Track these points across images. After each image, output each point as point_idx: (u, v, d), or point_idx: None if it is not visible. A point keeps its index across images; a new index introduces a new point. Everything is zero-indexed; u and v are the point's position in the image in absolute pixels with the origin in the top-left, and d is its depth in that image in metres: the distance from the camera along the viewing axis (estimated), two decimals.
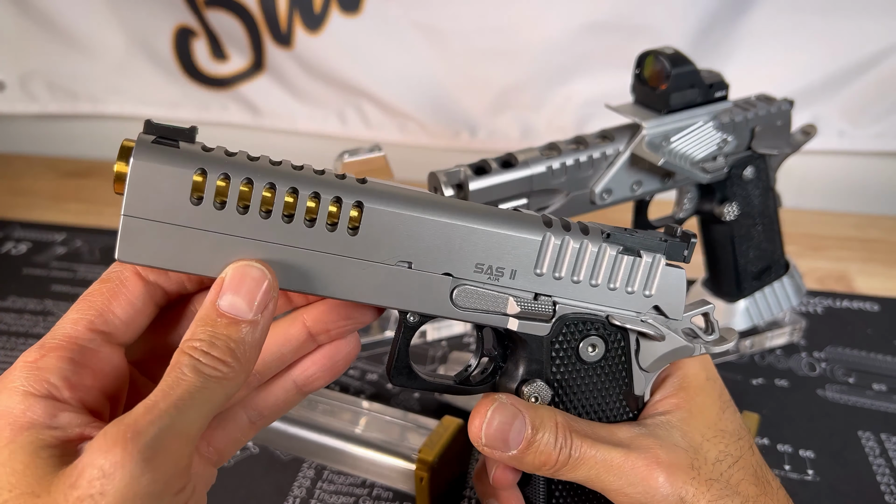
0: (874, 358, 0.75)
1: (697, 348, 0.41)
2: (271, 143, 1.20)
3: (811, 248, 0.96)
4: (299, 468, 0.62)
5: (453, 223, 0.36)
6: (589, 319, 0.40)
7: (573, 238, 0.38)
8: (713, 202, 0.68)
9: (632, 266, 0.39)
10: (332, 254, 0.35)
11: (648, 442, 0.39)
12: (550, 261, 0.38)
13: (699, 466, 0.39)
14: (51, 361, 0.33)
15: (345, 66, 1.07)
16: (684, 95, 0.61)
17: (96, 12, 1.11)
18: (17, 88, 1.21)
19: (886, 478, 0.61)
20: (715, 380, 0.43)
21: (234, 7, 1.05)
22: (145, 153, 0.32)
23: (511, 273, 0.38)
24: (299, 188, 0.34)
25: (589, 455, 0.38)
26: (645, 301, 0.40)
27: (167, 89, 1.17)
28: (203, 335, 0.32)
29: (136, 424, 0.29)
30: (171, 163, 0.33)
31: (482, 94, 1.07)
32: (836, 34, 0.95)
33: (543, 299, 0.39)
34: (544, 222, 0.38)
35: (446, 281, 0.37)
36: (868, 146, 1.02)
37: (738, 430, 0.42)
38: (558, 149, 0.59)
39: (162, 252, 0.34)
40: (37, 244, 0.98)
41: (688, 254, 0.40)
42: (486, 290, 0.38)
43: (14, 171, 1.22)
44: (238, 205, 0.34)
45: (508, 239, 0.37)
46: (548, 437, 0.38)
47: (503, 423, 0.38)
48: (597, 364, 0.41)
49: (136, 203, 0.33)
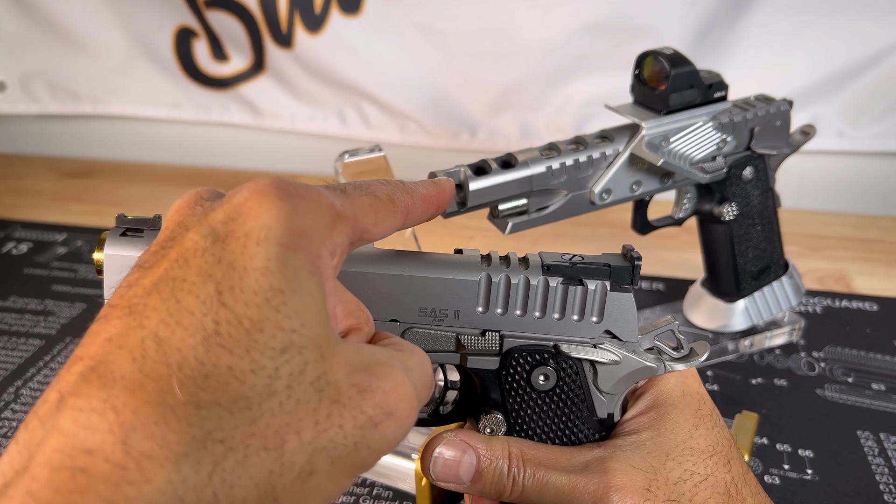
0: (873, 358, 0.75)
1: (660, 367, 0.41)
2: (271, 143, 1.20)
3: (810, 248, 0.96)
4: None
5: (391, 274, 0.38)
6: (536, 350, 0.40)
7: (512, 274, 0.39)
8: (712, 202, 0.68)
9: (575, 295, 0.40)
10: None
11: (606, 465, 0.39)
12: (492, 298, 0.39)
13: (657, 488, 0.39)
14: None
15: (345, 66, 1.07)
16: (683, 96, 0.61)
17: (97, 13, 1.11)
18: (19, 89, 1.21)
19: (885, 477, 0.61)
20: (692, 395, 0.43)
21: (235, 8, 1.05)
22: (114, 245, 0.37)
23: (454, 313, 0.39)
24: None
25: (543, 481, 0.39)
26: (595, 327, 0.40)
27: (168, 90, 1.17)
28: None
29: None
30: (134, 250, 0.36)
31: (482, 95, 1.07)
32: (835, 35, 0.95)
33: (490, 335, 0.40)
34: (483, 260, 0.40)
35: (394, 326, 0.39)
36: (867, 146, 1.02)
37: (711, 447, 0.41)
38: (558, 149, 0.59)
39: None
40: (38, 244, 0.98)
41: (634, 277, 0.40)
42: (433, 331, 0.39)
43: (15, 172, 1.22)
44: None
45: (446, 283, 0.39)
46: (498, 467, 0.39)
47: (451, 460, 0.39)
48: (552, 391, 0.41)
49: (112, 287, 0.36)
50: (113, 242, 0.37)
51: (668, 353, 0.42)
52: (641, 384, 0.43)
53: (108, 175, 1.21)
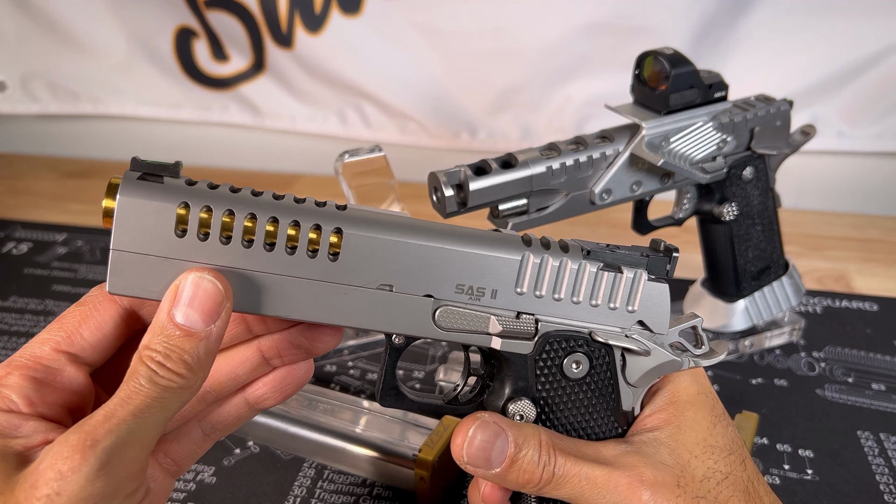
0: (873, 358, 0.75)
1: (686, 362, 0.41)
2: (271, 143, 1.20)
3: (810, 249, 0.96)
4: (300, 468, 0.62)
5: (432, 246, 0.37)
6: (572, 336, 0.40)
7: (553, 256, 0.38)
8: (712, 202, 0.68)
9: (613, 282, 0.39)
10: (313, 280, 0.36)
11: (634, 460, 0.39)
12: (531, 279, 0.38)
13: (685, 484, 0.39)
14: (13, 379, 0.35)
15: (345, 66, 1.07)
16: (684, 96, 0.61)
17: (97, 13, 1.11)
18: (19, 89, 1.21)
19: (885, 477, 0.61)
20: (707, 393, 0.43)
21: (235, 8, 1.05)
22: (131, 190, 0.34)
23: (492, 293, 0.38)
24: (279, 217, 0.35)
25: (572, 473, 0.38)
26: (628, 316, 0.40)
27: (168, 90, 1.17)
28: (159, 346, 0.34)
29: (95, 432, 0.32)
30: (155, 198, 0.34)
31: (482, 95, 1.07)
32: (834, 35, 0.95)
33: (525, 318, 0.39)
34: (524, 241, 0.39)
35: (427, 303, 0.38)
36: (867, 146, 1.02)
37: (728, 445, 0.41)
38: (558, 149, 0.59)
39: (150, 283, 0.35)
40: (38, 244, 0.98)
41: (670, 269, 0.40)
42: (467, 310, 0.38)
43: (15, 172, 1.22)
44: (221, 235, 0.35)
45: (487, 259, 0.38)
46: (531, 455, 0.38)
47: (485, 442, 0.38)
48: (582, 380, 0.41)
49: (123, 237, 0.34)
50: (130, 188, 0.34)
51: (690, 349, 0.42)
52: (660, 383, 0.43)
53: (108, 175, 1.20)
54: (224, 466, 0.62)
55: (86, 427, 0.32)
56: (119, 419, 0.32)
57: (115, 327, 0.38)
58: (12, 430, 0.34)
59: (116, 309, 0.38)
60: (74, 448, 0.31)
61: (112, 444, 0.32)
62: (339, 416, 0.62)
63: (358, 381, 0.73)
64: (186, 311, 0.34)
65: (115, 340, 0.38)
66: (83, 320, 0.37)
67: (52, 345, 0.37)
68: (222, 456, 0.63)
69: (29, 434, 0.34)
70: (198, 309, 0.34)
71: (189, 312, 0.34)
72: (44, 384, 0.36)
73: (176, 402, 0.34)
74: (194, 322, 0.34)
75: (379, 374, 0.41)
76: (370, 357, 0.76)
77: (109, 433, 0.32)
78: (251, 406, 0.43)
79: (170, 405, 0.34)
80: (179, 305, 0.34)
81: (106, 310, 0.38)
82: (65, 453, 0.31)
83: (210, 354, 0.35)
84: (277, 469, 0.62)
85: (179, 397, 0.34)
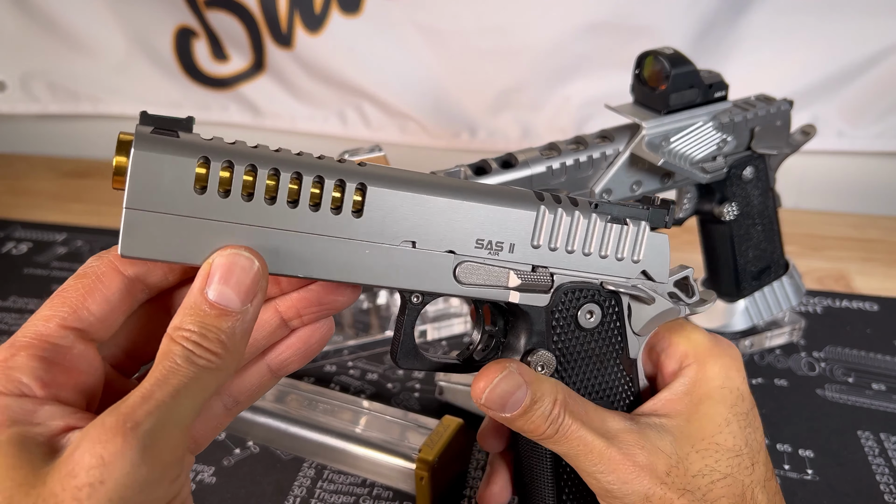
0: (873, 358, 0.75)
1: (682, 310, 0.43)
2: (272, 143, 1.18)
3: (810, 248, 0.96)
4: (300, 468, 0.62)
5: (455, 201, 0.37)
6: (585, 287, 0.41)
7: (565, 210, 0.40)
8: (713, 202, 0.68)
9: (620, 234, 0.41)
10: (337, 237, 0.36)
11: (633, 438, 0.40)
12: (546, 233, 0.39)
13: (675, 475, 0.40)
14: (21, 360, 0.32)
15: (345, 66, 1.07)
16: (684, 96, 0.61)
17: (97, 13, 1.11)
18: (18, 89, 1.21)
19: (886, 477, 0.61)
20: (731, 389, 0.43)
21: (235, 7, 1.05)
22: (146, 143, 0.32)
23: (510, 247, 0.39)
24: (303, 173, 0.34)
25: (574, 436, 0.39)
26: (634, 267, 0.42)
27: (168, 89, 1.17)
28: (193, 325, 0.32)
29: (135, 414, 0.29)
30: (173, 152, 0.32)
31: (482, 95, 1.07)
32: (835, 34, 0.95)
33: (541, 271, 0.40)
34: (537, 196, 0.40)
35: (449, 258, 0.38)
36: (867, 146, 1.02)
37: (737, 447, 0.41)
38: (558, 149, 0.59)
39: (166, 244, 0.33)
40: (38, 244, 0.98)
41: (668, 219, 0.42)
42: (487, 265, 0.39)
43: (15, 172, 1.22)
44: (242, 193, 0.34)
45: (507, 214, 0.38)
46: (542, 409, 0.39)
47: (506, 392, 0.39)
48: (595, 330, 0.42)
49: (138, 195, 0.32)
50: (144, 141, 0.32)
51: (683, 297, 0.43)
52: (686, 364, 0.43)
53: (107, 175, 1.20)
54: (224, 466, 0.62)
55: (122, 409, 0.29)
56: (157, 400, 0.30)
57: (121, 299, 0.35)
58: (28, 416, 0.31)
59: (122, 279, 0.35)
60: (114, 431, 0.29)
61: (153, 426, 0.29)
62: (339, 416, 0.62)
63: (358, 381, 0.72)
64: (221, 288, 0.32)
65: (121, 314, 0.36)
66: (88, 293, 0.35)
67: (57, 321, 0.34)
68: (222, 456, 0.63)
69: (46, 420, 0.31)
70: (234, 287, 0.33)
71: (224, 290, 0.33)
72: (54, 364, 0.33)
73: (213, 383, 0.32)
74: (230, 300, 0.33)
75: (396, 335, 0.40)
76: (370, 357, 0.76)
77: (149, 415, 0.29)
78: (274, 372, 0.40)
79: (207, 386, 0.32)
80: (213, 283, 0.32)
81: (112, 280, 0.35)
82: (104, 437, 0.28)
83: (245, 335, 0.34)
84: (277, 469, 0.62)
85: (216, 378, 0.32)
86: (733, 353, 0.44)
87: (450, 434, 0.58)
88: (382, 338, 0.78)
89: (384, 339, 0.78)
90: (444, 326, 0.78)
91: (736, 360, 0.44)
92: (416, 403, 0.70)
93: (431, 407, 0.69)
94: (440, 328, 0.78)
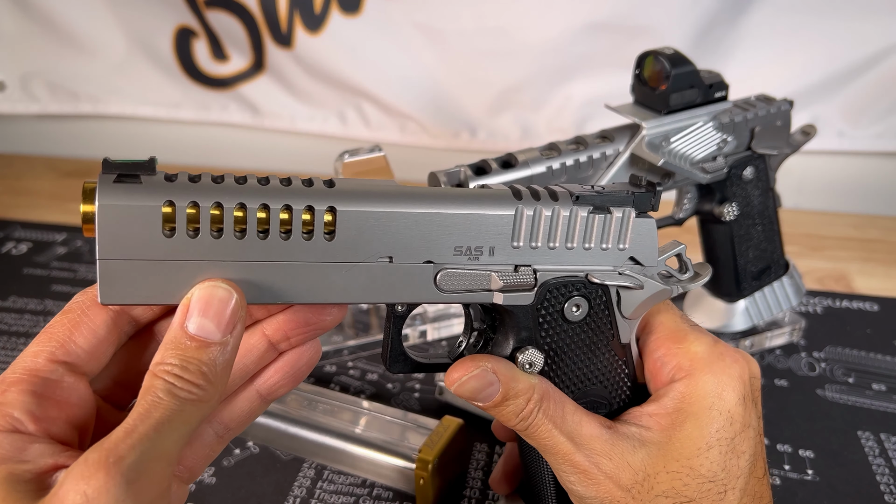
0: (873, 358, 0.75)
1: (674, 289, 0.42)
2: (271, 143, 1.20)
3: (811, 249, 0.96)
4: (299, 468, 0.62)
5: (427, 212, 0.37)
6: (570, 281, 0.41)
7: (544, 206, 0.39)
8: (713, 202, 0.68)
9: (604, 224, 0.40)
10: (312, 262, 0.36)
11: (603, 447, 0.40)
12: (526, 232, 0.39)
13: (638, 493, 0.39)
14: (12, 396, 0.32)
15: (345, 66, 1.07)
16: (684, 96, 0.61)
17: (97, 12, 1.11)
18: (18, 88, 1.21)
19: (886, 477, 0.61)
20: (721, 411, 0.41)
21: (235, 7, 1.05)
22: (110, 194, 0.32)
23: (490, 250, 0.38)
24: (269, 203, 0.34)
25: (543, 435, 0.40)
26: (620, 254, 0.41)
27: (168, 89, 1.17)
28: (174, 359, 0.32)
29: (118, 449, 0.29)
30: (138, 199, 0.32)
31: (482, 95, 1.07)
32: (835, 35, 0.95)
33: (524, 269, 0.40)
34: (514, 195, 0.39)
35: (428, 268, 0.38)
36: (867, 146, 1.02)
37: (712, 474, 0.40)
38: (558, 149, 0.59)
39: (143, 289, 0.34)
40: (37, 244, 0.98)
41: (655, 202, 0.41)
42: (468, 270, 0.39)
43: (15, 172, 1.22)
44: (212, 229, 0.34)
45: (482, 218, 0.38)
46: (514, 406, 0.40)
47: (475, 389, 0.39)
48: (582, 322, 0.42)
49: (109, 245, 0.32)
50: (107, 191, 0.32)
51: (677, 275, 0.43)
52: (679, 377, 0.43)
53: None
54: (224, 467, 0.62)
55: (105, 444, 0.29)
56: (140, 434, 0.30)
57: (108, 332, 0.36)
58: (18, 453, 0.31)
59: (107, 312, 0.36)
60: (97, 466, 0.29)
61: (136, 460, 0.29)
62: (339, 416, 0.62)
63: (358, 381, 0.72)
64: (200, 321, 0.33)
65: (109, 346, 0.37)
66: (74, 327, 0.35)
67: (45, 355, 0.34)
68: (222, 456, 0.63)
69: (35, 458, 0.31)
70: (213, 318, 0.33)
71: (203, 322, 0.33)
72: (45, 398, 0.33)
73: (196, 415, 0.33)
74: (209, 332, 0.33)
75: (385, 343, 0.41)
76: (370, 357, 0.76)
77: (132, 449, 0.29)
78: (263, 398, 0.41)
79: (190, 418, 0.32)
80: (193, 316, 0.33)
81: (97, 314, 0.36)
82: (87, 473, 0.28)
83: (227, 365, 0.34)
84: (277, 469, 0.62)
85: (199, 410, 0.33)
86: (734, 372, 0.42)
87: (450, 434, 0.58)
88: (382, 338, 0.77)
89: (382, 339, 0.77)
90: (444, 326, 0.78)
91: (734, 379, 0.42)
92: (416, 404, 0.69)
93: (431, 407, 0.69)
94: (440, 328, 0.78)
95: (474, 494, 0.60)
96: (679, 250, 0.43)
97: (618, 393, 0.45)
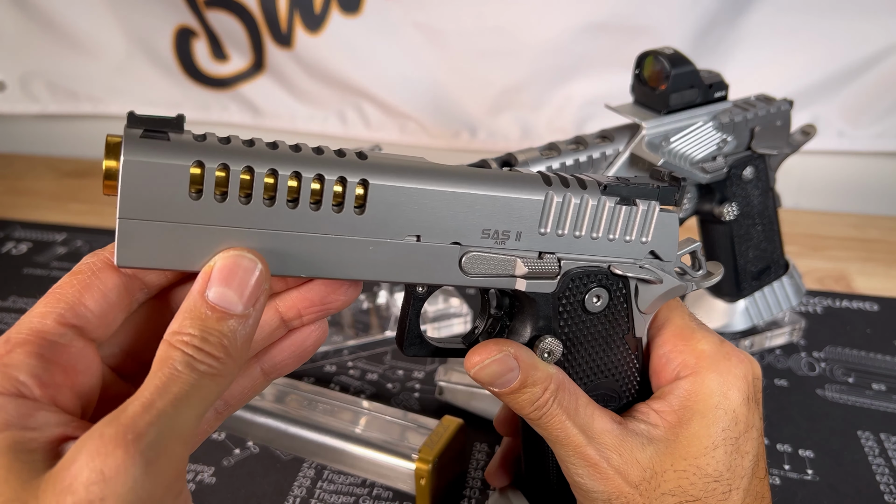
0: (873, 358, 0.75)
1: (689, 286, 0.42)
2: None
3: (810, 248, 0.96)
4: (299, 468, 0.62)
5: (460, 192, 0.36)
6: (592, 272, 0.40)
7: (573, 194, 0.38)
8: (713, 202, 0.68)
9: (629, 215, 0.40)
10: (340, 235, 0.34)
11: (613, 442, 0.40)
12: (553, 219, 0.38)
13: (646, 489, 0.39)
14: (18, 357, 0.30)
15: (345, 66, 1.07)
16: (684, 96, 0.61)
17: (97, 13, 1.11)
18: (18, 89, 1.21)
19: (886, 477, 0.61)
20: (727, 411, 0.41)
21: (235, 7, 1.05)
22: (136, 149, 0.30)
23: (517, 235, 0.38)
24: (302, 171, 0.33)
25: (557, 425, 0.40)
26: (642, 247, 0.41)
27: (168, 89, 1.17)
28: (193, 329, 0.30)
29: (136, 425, 0.27)
30: (165, 157, 0.30)
31: (482, 95, 1.07)
32: (835, 35, 0.95)
33: (548, 257, 0.39)
34: (544, 180, 0.38)
35: (454, 250, 0.37)
36: (867, 146, 1.02)
37: (718, 473, 0.40)
38: (558, 149, 0.59)
39: (163, 252, 0.32)
40: (37, 244, 0.98)
41: (679, 197, 0.41)
42: (493, 254, 0.38)
43: (15, 172, 1.22)
44: (240, 195, 0.32)
45: (513, 202, 0.37)
46: (531, 395, 0.39)
47: (496, 373, 0.39)
48: (601, 313, 0.42)
49: (131, 204, 0.31)
50: (133, 146, 0.30)
51: (690, 272, 0.43)
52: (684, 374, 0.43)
53: None
54: (223, 467, 0.62)
55: (122, 419, 0.27)
56: (159, 410, 0.28)
57: (119, 296, 0.33)
58: (24, 419, 0.28)
59: (119, 275, 0.33)
60: (115, 443, 0.26)
61: (155, 438, 0.27)
62: (339, 416, 0.62)
63: (358, 381, 0.72)
64: (222, 290, 0.31)
65: (120, 312, 0.34)
66: (84, 289, 0.32)
67: (54, 317, 0.31)
68: (222, 456, 0.63)
69: (42, 426, 0.28)
70: (236, 289, 0.31)
71: (226, 292, 0.31)
72: (52, 362, 0.30)
73: (215, 391, 0.30)
74: (231, 302, 0.31)
75: (402, 324, 0.40)
76: (370, 357, 0.76)
77: (151, 426, 0.27)
78: (266, 375, 0.39)
79: (209, 394, 0.30)
80: (214, 285, 0.31)
81: (108, 277, 0.33)
82: (103, 450, 0.26)
83: (248, 339, 0.32)
84: (277, 469, 0.62)
85: (218, 385, 0.30)
86: (739, 372, 0.42)
87: (450, 434, 0.58)
88: (382, 338, 0.78)
89: (384, 339, 0.78)
90: (444, 326, 0.78)
91: (739, 379, 0.42)
92: (415, 403, 0.69)
93: (431, 407, 0.69)
94: (440, 328, 0.78)
95: (474, 494, 0.60)
96: (695, 247, 0.43)
97: (628, 388, 0.44)
